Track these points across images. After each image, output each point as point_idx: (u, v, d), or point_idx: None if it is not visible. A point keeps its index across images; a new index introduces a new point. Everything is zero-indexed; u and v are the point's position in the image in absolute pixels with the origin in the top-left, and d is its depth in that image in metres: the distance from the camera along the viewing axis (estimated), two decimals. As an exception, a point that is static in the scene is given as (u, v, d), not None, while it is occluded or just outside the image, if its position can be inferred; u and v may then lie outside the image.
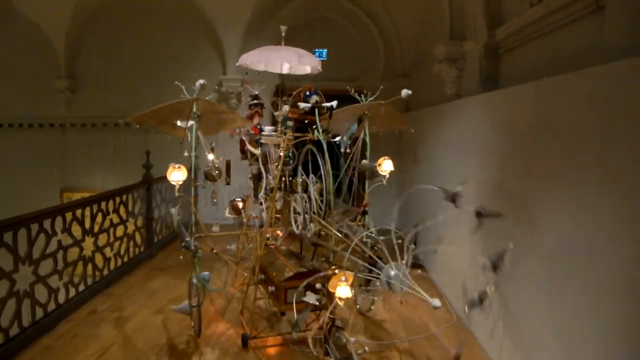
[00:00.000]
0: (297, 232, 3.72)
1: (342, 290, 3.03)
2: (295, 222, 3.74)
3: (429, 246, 5.67)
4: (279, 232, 4.56)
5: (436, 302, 2.49)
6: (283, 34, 4.31)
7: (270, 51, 4.40)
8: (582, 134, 2.51)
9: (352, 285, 3.80)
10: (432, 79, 5.86)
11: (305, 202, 3.52)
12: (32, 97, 9.01)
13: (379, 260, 2.83)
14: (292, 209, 3.80)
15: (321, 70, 4.65)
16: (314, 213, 3.45)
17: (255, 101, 4.54)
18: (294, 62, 4.31)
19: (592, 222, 2.37)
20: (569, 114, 2.67)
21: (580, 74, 2.58)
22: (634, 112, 2.07)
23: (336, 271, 3.03)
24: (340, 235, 3.37)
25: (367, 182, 4.35)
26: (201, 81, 3.60)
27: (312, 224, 3.45)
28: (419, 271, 2.74)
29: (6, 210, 4.04)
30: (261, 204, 4.39)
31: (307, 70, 4.66)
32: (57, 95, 8.91)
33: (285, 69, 4.55)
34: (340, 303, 3.10)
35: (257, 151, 4.35)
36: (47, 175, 9.04)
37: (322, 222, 3.36)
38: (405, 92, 3.61)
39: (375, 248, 3.13)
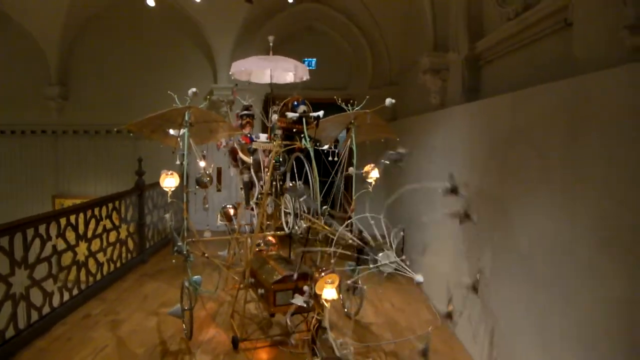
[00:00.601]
0: (287, 231, 3.85)
1: (328, 292, 3.17)
2: (286, 222, 3.88)
3: (415, 252, 5.86)
4: (270, 237, 4.69)
5: (419, 277, 2.69)
6: (271, 44, 4.48)
7: (260, 60, 4.56)
8: (550, 140, 2.68)
9: (339, 289, 3.95)
10: (417, 89, 6.04)
11: (294, 202, 3.66)
12: (24, 103, 9.10)
13: (365, 246, 2.95)
14: (282, 210, 3.94)
15: (308, 78, 4.81)
16: (303, 212, 3.58)
17: (245, 112, 4.68)
18: (281, 69, 4.47)
19: (561, 217, 2.54)
20: (539, 122, 2.85)
21: (548, 87, 2.76)
22: (596, 120, 2.24)
23: (322, 274, 3.17)
24: (327, 228, 3.48)
25: (354, 189, 4.49)
26: (193, 89, 3.74)
27: (301, 222, 3.59)
28: (404, 256, 2.87)
29: (2, 216, 4.14)
30: (252, 209, 4.52)
31: (291, 78, 4.82)
32: (49, 102, 8.99)
33: (272, 77, 4.70)
34: (327, 305, 3.24)
35: (249, 160, 4.49)
36: (39, 182, 9.11)
37: (310, 218, 3.49)
38: (389, 100, 3.75)
39: (362, 234, 3.25)
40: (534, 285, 2.87)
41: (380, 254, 2.82)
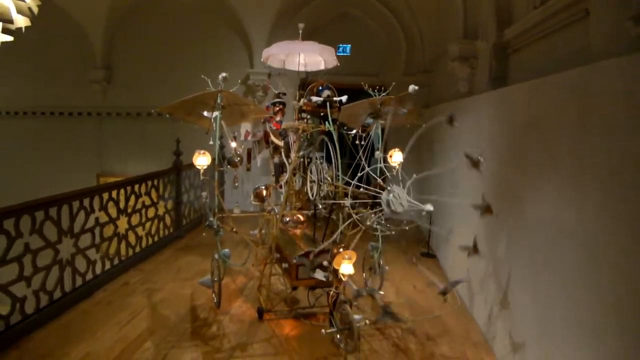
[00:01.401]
0: (312, 198, 4.04)
1: (346, 267, 3.37)
2: (311, 189, 4.08)
3: (440, 234, 5.96)
4: (299, 215, 4.91)
5: (429, 206, 2.85)
6: (300, 31, 4.64)
7: (289, 44, 4.73)
8: (561, 129, 2.76)
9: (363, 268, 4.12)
10: (447, 76, 6.10)
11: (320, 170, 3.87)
12: (70, 86, 9.61)
13: (380, 192, 3.07)
14: (308, 178, 4.13)
15: (338, 64, 4.95)
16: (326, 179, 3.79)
17: (277, 100, 4.88)
18: (310, 52, 4.62)
19: (569, 206, 2.63)
20: (551, 111, 2.92)
21: (560, 76, 2.83)
22: (604, 110, 2.32)
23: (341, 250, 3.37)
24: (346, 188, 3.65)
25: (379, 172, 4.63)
26: (224, 74, 3.95)
27: (325, 186, 3.77)
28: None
29: (48, 191, 4.47)
30: (281, 187, 4.74)
31: (322, 65, 4.96)
32: (94, 85, 9.49)
33: (302, 65, 4.86)
34: (344, 278, 3.44)
35: (281, 143, 4.70)
36: (84, 161, 9.65)
37: (333, 183, 3.67)
38: (412, 87, 3.83)
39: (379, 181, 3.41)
40: (543, 268, 2.98)
41: (392, 195, 2.93)
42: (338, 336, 3.59)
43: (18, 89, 9.82)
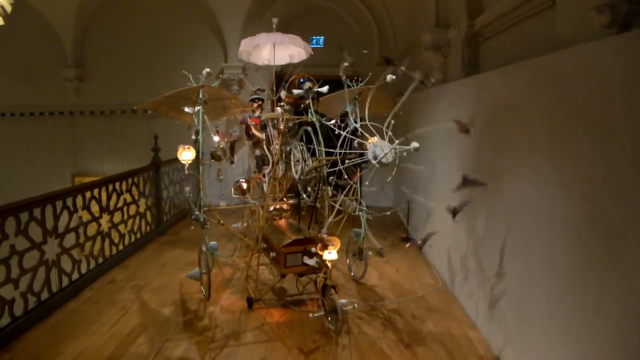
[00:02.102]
0: (296, 177, 4.16)
1: (329, 254, 3.50)
2: (295, 168, 4.20)
3: (419, 221, 6.13)
4: (284, 205, 5.00)
5: (414, 144, 2.96)
6: (274, 26, 4.72)
7: (262, 37, 4.81)
8: (535, 112, 2.93)
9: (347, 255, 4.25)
10: (421, 65, 6.24)
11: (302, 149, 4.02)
12: (42, 86, 9.44)
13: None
14: (292, 161, 4.23)
15: (312, 53, 5.06)
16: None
17: (255, 96, 4.97)
18: (280, 42, 4.74)
19: (545, 184, 2.80)
20: (525, 95, 3.09)
21: (532, 62, 3.00)
22: (576, 95, 2.48)
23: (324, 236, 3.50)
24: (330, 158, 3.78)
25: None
26: (207, 70, 4.01)
27: (309, 161, 3.94)
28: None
29: (23, 193, 4.44)
30: (264, 175, 4.82)
31: (289, 59, 5.07)
32: (66, 84, 9.34)
33: (279, 58, 4.95)
34: (329, 264, 3.57)
35: (262, 135, 4.79)
36: (59, 161, 9.52)
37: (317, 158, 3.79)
38: (389, 77, 3.95)
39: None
40: (522, 246, 3.15)
41: (377, 147, 3.01)
42: (329, 319, 3.73)
43: (-13, 89, 9.60)
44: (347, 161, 3.49)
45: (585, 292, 2.36)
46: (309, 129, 4.00)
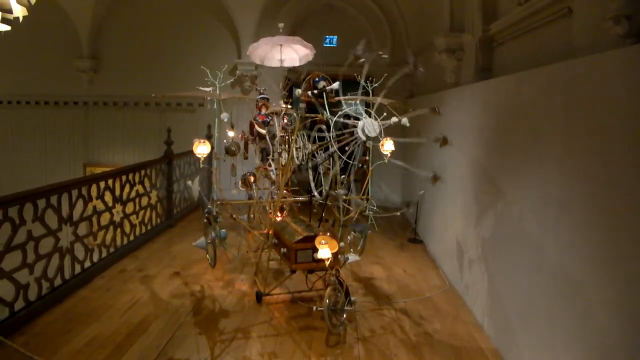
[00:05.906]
0: (298, 163, 4.32)
1: (323, 251, 3.56)
2: (297, 154, 4.33)
3: (428, 221, 6.16)
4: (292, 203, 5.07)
5: (404, 120, 3.45)
6: (280, 30, 4.80)
7: (269, 41, 4.91)
8: (546, 118, 2.97)
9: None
10: (433, 68, 6.28)
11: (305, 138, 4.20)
12: (57, 76, 9.58)
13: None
14: (293, 148, 4.35)
15: (312, 56, 5.20)
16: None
17: (261, 96, 5.06)
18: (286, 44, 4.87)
19: (553, 190, 2.84)
20: (538, 102, 3.13)
21: (546, 69, 3.04)
22: (587, 103, 2.52)
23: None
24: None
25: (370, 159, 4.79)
26: (226, 115, 4.12)
27: (309, 145, 4.11)
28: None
29: (36, 181, 4.53)
30: (270, 165, 4.88)
31: (297, 61, 5.19)
32: (80, 75, 9.46)
33: (287, 60, 5.06)
34: (326, 262, 3.63)
35: (264, 130, 4.86)
36: (71, 151, 9.65)
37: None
38: (404, 121, 3.83)
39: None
40: (530, 250, 3.20)
41: (365, 123, 3.38)
42: (337, 317, 3.80)
43: (3, 78, 9.73)
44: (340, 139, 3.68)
45: (593, 298, 2.41)
46: (323, 127, 4.05)
